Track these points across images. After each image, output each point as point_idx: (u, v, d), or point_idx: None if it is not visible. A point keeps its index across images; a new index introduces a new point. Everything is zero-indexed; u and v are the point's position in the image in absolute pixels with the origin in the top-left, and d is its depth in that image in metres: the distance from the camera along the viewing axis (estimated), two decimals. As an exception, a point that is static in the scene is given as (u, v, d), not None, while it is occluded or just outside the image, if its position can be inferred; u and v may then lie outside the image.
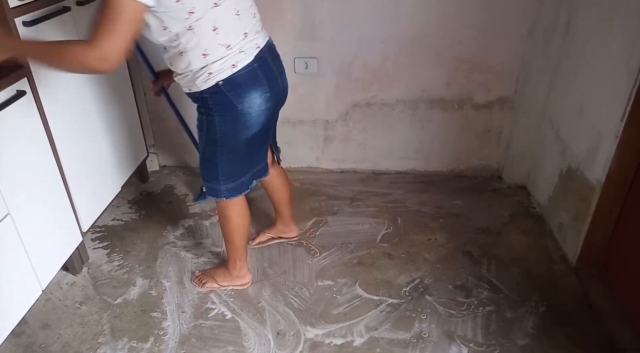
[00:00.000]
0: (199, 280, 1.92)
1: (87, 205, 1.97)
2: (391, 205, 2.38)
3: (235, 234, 1.78)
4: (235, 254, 1.84)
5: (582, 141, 1.93)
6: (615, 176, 1.75)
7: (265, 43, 1.50)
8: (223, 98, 1.42)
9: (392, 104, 2.45)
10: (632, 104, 1.63)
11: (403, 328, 1.73)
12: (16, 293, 1.60)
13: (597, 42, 1.86)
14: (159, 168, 2.71)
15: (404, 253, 2.08)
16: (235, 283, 1.89)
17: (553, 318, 1.76)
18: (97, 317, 1.80)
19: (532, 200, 2.40)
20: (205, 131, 1.51)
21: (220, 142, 1.51)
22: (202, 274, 1.94)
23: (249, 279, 1.90)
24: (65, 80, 1.81)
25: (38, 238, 1.68)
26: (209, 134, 1.51)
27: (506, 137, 2.48)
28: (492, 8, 2.17)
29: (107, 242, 2.16)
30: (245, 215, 1.77)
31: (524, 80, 2.30)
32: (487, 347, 1.66)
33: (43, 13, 1.64)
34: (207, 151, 1.57)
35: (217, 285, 1.89)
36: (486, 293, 1.87)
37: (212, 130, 1.49)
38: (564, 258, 2.02)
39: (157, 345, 1.69)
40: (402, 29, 2.25)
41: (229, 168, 1.59)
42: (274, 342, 1.70)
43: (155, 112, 2.56)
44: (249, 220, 1.79)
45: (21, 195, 1.59)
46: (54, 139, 1.74)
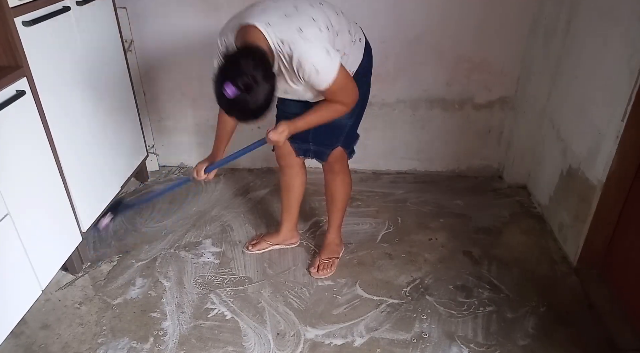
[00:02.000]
0: (327, 264, 1.97)
1: (87, 205, 1.97)
2: (392, 205, 2.38)
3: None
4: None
5: (583, 141, 1.92)
6: (616, 176, 1.75)
7: None
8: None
9: (393, 103, 2.45)
10: (633, 104, 1.62)
11: (403, 328, 1.73)
12: (16, 294, 1.60)
13: (597, 42, 1.85)
14: (158, 168, 2.71)
15: (404, 254, 2.07)
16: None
17: (553, 319, 1.75)
18: (96, 317, 1.80)
19: (533, 200, 2.40)
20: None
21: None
22: (332, 260, 1.98)
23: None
24: (65, 81, 1.81)
25: (38, 239, 1.68)
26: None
27: (507, 137, 2.48)
28: (492, 8, 2.17)
29: (106, 242, 2.15)
30: None
31: (524, 80, 2.29)
32: (487, 347, 1.66)
33: (43, 13, 1.65)
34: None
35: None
36: (487, 293, 1.86)
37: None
38: (565, 259, 2.02)
39: (156, 346, 1.68)
40: (403, 29, 2.25)
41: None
42: (273, 342, 1.69)
43: (155, 112, 2.56)
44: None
45: (21, 195, 1.59)
46: (54, 138, 1.74)
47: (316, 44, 1.40)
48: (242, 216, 2.32)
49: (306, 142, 1.77)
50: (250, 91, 1.31)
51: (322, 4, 1.54)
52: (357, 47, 1.65)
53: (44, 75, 1.67)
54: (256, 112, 1.37)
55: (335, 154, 1.79)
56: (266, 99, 1.35)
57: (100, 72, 2.03)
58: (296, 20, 1.41)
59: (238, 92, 1.30)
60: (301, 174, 1.95)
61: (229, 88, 1.29)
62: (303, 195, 2.03)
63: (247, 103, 1.33)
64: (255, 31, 1.39)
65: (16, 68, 1.56)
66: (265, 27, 1.39)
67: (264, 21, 1.39)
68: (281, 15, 1.42)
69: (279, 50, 1.40)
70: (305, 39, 1.39)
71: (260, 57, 1.35)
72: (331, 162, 1.81)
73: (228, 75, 1.30)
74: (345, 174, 1.89)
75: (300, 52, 1.38)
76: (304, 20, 1.42)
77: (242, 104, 1.33)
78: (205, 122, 2.56)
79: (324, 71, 1.42)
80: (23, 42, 1.56)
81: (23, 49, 1.57)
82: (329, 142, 1.76)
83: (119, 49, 2.20)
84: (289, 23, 1.40)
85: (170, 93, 2.50)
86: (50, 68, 1.72)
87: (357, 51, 1.65)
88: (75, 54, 1.85)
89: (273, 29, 1.39)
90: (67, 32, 1.80)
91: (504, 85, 2.36)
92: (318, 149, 1.78)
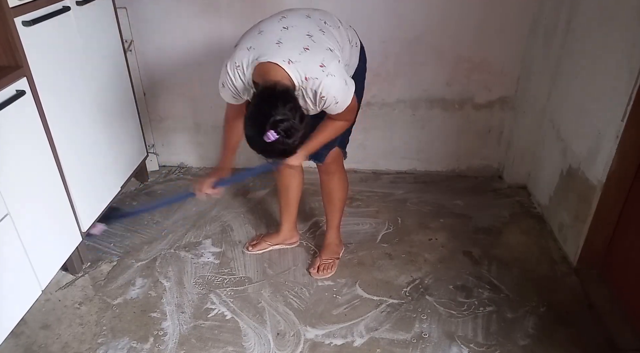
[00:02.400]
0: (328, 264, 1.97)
1: (87, 205, 1.97)
2: (392, 205, 2.38)
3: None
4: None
5: (583, 141, 1.92)
6: (616, 176, 1.75)
7: None
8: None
9: (393, 103, 2.45)
10: (633, 104, 1.62)
11: (403, 328, 1.73)
12: (16, 294, 1.60)
13: (597, 42, 1.85)
14: (158, 168, 2.71)
15: (404, 254, 2.07)
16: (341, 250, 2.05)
17: (553, 319, 1.75)
18: (96, 317, 1.80)
19: (533, 200, 2.40)
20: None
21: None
22: (332, 260, 1.98)
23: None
24: (65, 81, 1.81)
25: (37, 239, 1.68)
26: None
27: (507, 137, 2.48)
28: (492, 8, 2.17)
29: (106, 242, 2.15)
30: None
31: (524, 80, 2.29)
32: (487, 347, 1.66)
33: (43, 12, 1.64)
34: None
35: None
36: (487, 293, 1.86)
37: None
38: (565, 259, 2.02)
39: (156, 346, 1.68)
40: (403, 28, 2.25)
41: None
42: (273, 342, 1.69)
43: (155, 112, 2.56)
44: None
45: (21, 195, 1.59)
46: (54, 138, 1.74)
47: (338, 77, 1.43)
48: (242, 216, 2.32)
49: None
50: (290, 136, 1.33)
51: (327, 23, 1.56)
52: (354, 52, 1.67)
53: (44, 75, 1.67)
54: (290, 153, 1.42)
55: (332, 155, 1.80)
56: (302, 140, 1.40)
57: (100, 72, 2.03)
58: (317, 55, 1.42)
59: (278, 137, 1.31)
60: (298, 174, 1.95)
61: (271, 134, 1.30)
62: (301, 195, 2.03)
63: (287, 146, 1.36)
64: (278, 69, 1.39)
65: (16, 68, 1.56)
66: (288, 66, 1.39)
67: (286, 58, 1.39)
68: (301, 50, 1.42)
69: (303, 86, 1.42)
70: (328, 75, 1.41)
71: (294, 100, 1.36)
72: (328, 163, 1.82)
73: (268, 120, 1.30)
74: (341, 173, 1.90)
75: (324, 87, 1.41)
76: (323, 53, 1.44)
77: (281, 147, 1.35)
78: (205, 122, 2.56)
79: (342, 101, 1.48)
80: (23, 42, 1.56)
81: (23, 49, 1.57)
82: (328, 143, 1.76)
83: (119, 49, 2.20)
84: (311, 58, 1.41)
85: (170, 93, 2.50)
86: (50, 68, 1.72)
87: (354, 57, 1.67)
88: (75, 54, 1.85)
89: (296, 67, 1.40)
90: (67, 32, 1.80)
91: (504, 85, 2.35)
92: (318, 151, 1.78)
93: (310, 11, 1.59)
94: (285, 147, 1.36)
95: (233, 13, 2.27)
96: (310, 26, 1.50)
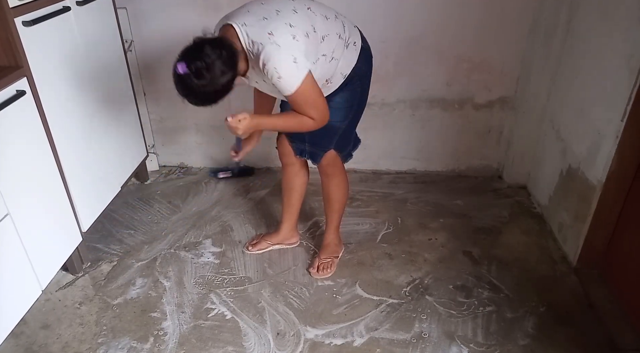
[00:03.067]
0: (327, 264, 1.98)
1: (87, 205, 1.97)
2: (391, 205, 2.38)
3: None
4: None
5: (583, 141, 1.92)
6: (616, 176, 1.75)
7: None
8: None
9: (393, 103, 2.45)
10: (633, 104, 1.63)
11: (403, 328, 1.73)
12: (16, 294, 1.60)
13: (597, 42, 1.85)
14: (158, 168, 2.71)
15: (404, 254, 2.07)
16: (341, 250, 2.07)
17: (553, 319, 1.76)
18: (96, 317, 1.80)
19: (533, 200, 2.40)
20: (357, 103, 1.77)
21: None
22: (331, 259, 1.99)
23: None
24: (65, 81, 1.81)
25: (38, 239, 1.68)
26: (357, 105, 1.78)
27: (507, 137, 2.48)
28: (492, 8, 2.17)
29: (106, 242, 2.15)
30: None
31: (524, 80, 2.29)
32: (487, 347, 1.66)
33: (43, 13, 1.65)
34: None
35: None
36: (486, 293, 1.87)
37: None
38: (565, 259, 2.02)
39: (157, 345, 1.69)
40: (403, 28, 2.25)
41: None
42: (273, 342, 1.69)
43: (155, 112, 2.56)
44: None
45: (21, 195, 1.59)
46: (54, 138, 1.74)
47: (283, 50, 1.43)
48: (242, 216, 2.32)
49: (302, 143, 1.78)
50: (199, 77, 1.37)
51: (310, 9, 1.55)
52: (350, 50, 1.65)
53: (44, 75, 1.67)
54: (199, 97, 1.43)
55: (328, 157, 1.79)
56: (214, 90, 1.41)
57: (100, 72, 2.03)
58: (271, 24, 1.45)
59: (188, 72, 1.36)
60: (302, 173, 1.95)
61: (180, 66, 1.36)
62: (304, 195, 2.03)
63: (192, 86, 1.39)
64: (232, 30, 1.47)
65: (16, 68, 1.56)
66: (240, 27, 1.46)
67: (242, 22, 1.47)
68: (260, 19, 1.47)
69: (249, 49, 1.46)
70: (272, 43, 1.43)
71: (227, 51, 1.40)
72: (324, 165, 1.82)
73: (187, 56, 1.38)
74: (339, 177, 1.89)
75: (265, 54, 1.43)
76: (279, 25, 1.45)
77: (187, 86, 1.39)
78: (205, 122, 2.56)
79: (286, 77, 1.45)
80: (23, 42, 1.57)
81: (23, 49, 1.57)
82: (322, 144, 1.77)
83: (119, 49, 2.20)
84: (264, 26, 1.45)
85: (171, 93, 2.45)
86: (51, 68, 1.72)
87: (349, 55, 1.65)
88: (75, 54, 1.85)
89: (247, 29, 1.46)
90: (67, 32, 1.80)
91: (504, 85, 2.36)
92: (312, 151, 1.79)
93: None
94: (194, 89, 1.39)
95: (233, 13, 2.27)
96: (285, 6, 1.52)
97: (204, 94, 1.43)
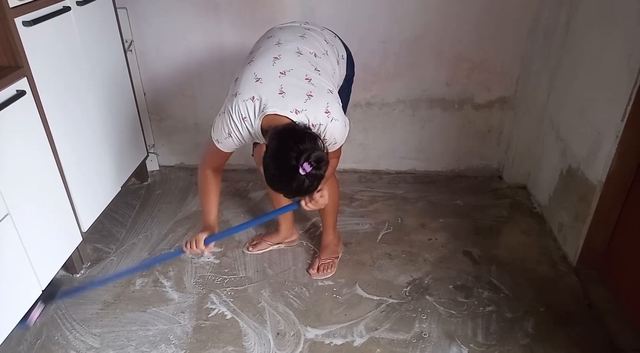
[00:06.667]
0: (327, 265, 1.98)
1: (87, 205, 1.97)
2: (391, 205, 2.38)
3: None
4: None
5: (583, 141, 1.92)
6: (616, 176, 1.75)
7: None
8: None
9: (393, 103, 2.45)
10: (633, 104, 1.62)
11: (403, 328, 1.73)
12: (16, 293, 1.60)
13: (597, 42, 1.85)
14: (158, 168, 2.71)
15: (404, 254, 2.07)
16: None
17: (553, 319, 1.76)
18: (96, 317, 1.80)
19: (533, 200, 2.40)
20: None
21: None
22: (331, 260, 2.00)
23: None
24: (65, 81, 1.81)
25: (38, 238, 1.68)
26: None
27: (506, 137, 2.48)
28: (492, 8, 2.17)
29: (106, 242, 2.15)
30: None
31: (524, 80, 2.30)
32: (487, 347, 1.66)
33: (43, 13, 1.65)
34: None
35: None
36: (486, 293, 1.87)
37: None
38: (565, 259, 2.02)
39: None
40: (403, 28, 2.25)
41: None
42: (273, 342, 1.69)
43: (155, 112, 2.56)
44: None
45: (21, 195, 1.59)
46: (54, 138, 1.74)
47: (340, 121, 1.46)
48: (242, 216, 2.32)
49: None
50: (320, 167, 1.33)
51: (317, 55, 1.56)
52: (341, 65, 1.69)
53: (44, 75, 1.67)
54: (316, 187, 1.39)
55: None
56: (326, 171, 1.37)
57: (100, 72, 2.03)
58: (320, 101, 1.43)
59: (311, 169, 1.30)
60: None
61: (307, 165, 1.30)
62: None
63: (317, 178, 1.34)
64: (286, 119, 1.41)
65: (16, 68, 1.56)
66: (296, 116, 1.40)
67: (293, 109, 1.40)
68: (305, 98, 1.42)
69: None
70: (332, 120, 1.44)
71: (315, 134, 1.38)
72: None
73: (300, 154, 1.29)
74: (331, 178, 1.85)
75: (327, 131, 1.45)
76: (326, 98, 1.45)
77: (311, 180, 1.33)
78: (205, 122, 2.56)
79: (340, 141, 1.52)
80: (23, 42, 1.56)
81: (23, 49, 1.57)
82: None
83: (119, 49, 2.20)
84: (315, 105, 1.42)
85: (170, 93, 2.51)
86: (51, 68, 1.72)
87: (341, 68, 1.70)
88: (75, 54, 1.85)
89: (304, 115, 1.41)
90: (67, 32, 1.80)
91: (503, 85, 2.36)
92: None
93: (297, 39, 1.57)
94: (315, 180, 1.34)
95: (233, 12, 2.27)
96: (305, 67, 1.49)
97: (321, 180, 1.38)
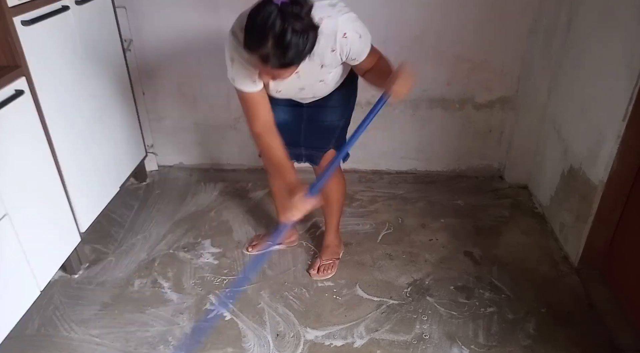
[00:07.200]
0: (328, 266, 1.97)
1: (85, 205, 1.96)
2: (392, 205, 2.37)
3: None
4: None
5: (584, 141, 1.92)
6: (617, 176, 1.74)
7: None
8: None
9: (393, 103, 2.44)
10: (634, 104, 1.62)
11: (404, 329, 1.72)
12: (14, 294, 1.59)
13: (598, 42, 1.85)
14: (157, 168, 2.70)
15: (404, 254, 2.07)
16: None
17: (554, 319, 1.75)
18: (94, 318, 1.79)
19: (534, 200, 2.39)
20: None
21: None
22: (332, 261, 1.99)
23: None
24: (63, 80, 1.80)
25: (36, 239, 1.67)
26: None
27: (507, 136, 2.47)
28: (493, 7, 2.17)
29: (105, 243, 2.14)
30: None
31: (525, 80, 2.29)
32: (488, 348, 1.65)
33: (42, 12, 1.64)
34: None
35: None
36: (487, 294, 1.86)
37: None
38: (566, 259, 2.01)
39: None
40: (403, 28, 2.24)
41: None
42: (273, 343, 1.68)
43: (154, 111, 2.55)
44: None
45: (19, 196, 1.58)
46: (52, 138, 1.73)
47: (349, 13, 1.40)
48: (242, 216, 2.31)
49: (298, 147, 1.76)
50: (296, 18, 1.16)
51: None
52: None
53: (42, 75, 1.66)
54: (291, 45, 1.18)
55: (327, 157, 1.78)
56: (307, 37, 1.21)
57: (99, 71, 2.03)
58: (322, 5, 1.36)
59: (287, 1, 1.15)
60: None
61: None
62: None
63: (293, 15, 1.16)
64: None
65: (15, 67, 1.55)
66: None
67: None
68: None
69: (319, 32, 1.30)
70: (340, 12, 1.37)
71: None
72: (323, 165, 1.80)
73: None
74: (338, 176, 1.88)
75: (340, 23, 1.36)
76: (327, 4, 1.38)
77: (289, 17, 1.15)
78: (204, 122, 2.56)
79: (365, 34, 1.42)
80: (22, 41, 1.56)
81: (22, 49, 1.56)
82: (320, 145, 1.76)
83: (118, 49, 2.19)
84: (319, 4, 1.34)
85: (170, 92, 2.50)
86: (49, 67, 1.71)
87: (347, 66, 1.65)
88: (74, 54, 1.85)
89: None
90: (66, 31, 1.79)
91: (504, 85, 2.35)
92: (310, 153, 1.77)
93: None
94: (290, 19, 1.15)
95: (232, 12, 2.26)
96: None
97: (298, 43, 1.19)
